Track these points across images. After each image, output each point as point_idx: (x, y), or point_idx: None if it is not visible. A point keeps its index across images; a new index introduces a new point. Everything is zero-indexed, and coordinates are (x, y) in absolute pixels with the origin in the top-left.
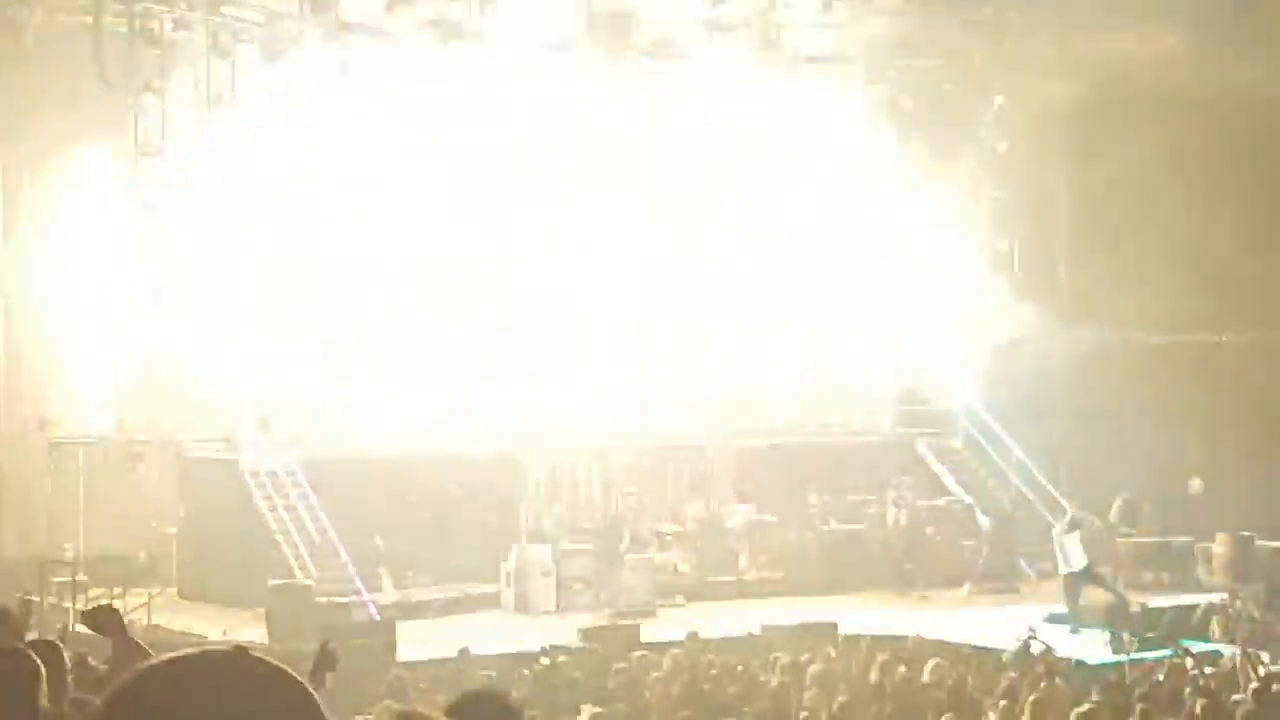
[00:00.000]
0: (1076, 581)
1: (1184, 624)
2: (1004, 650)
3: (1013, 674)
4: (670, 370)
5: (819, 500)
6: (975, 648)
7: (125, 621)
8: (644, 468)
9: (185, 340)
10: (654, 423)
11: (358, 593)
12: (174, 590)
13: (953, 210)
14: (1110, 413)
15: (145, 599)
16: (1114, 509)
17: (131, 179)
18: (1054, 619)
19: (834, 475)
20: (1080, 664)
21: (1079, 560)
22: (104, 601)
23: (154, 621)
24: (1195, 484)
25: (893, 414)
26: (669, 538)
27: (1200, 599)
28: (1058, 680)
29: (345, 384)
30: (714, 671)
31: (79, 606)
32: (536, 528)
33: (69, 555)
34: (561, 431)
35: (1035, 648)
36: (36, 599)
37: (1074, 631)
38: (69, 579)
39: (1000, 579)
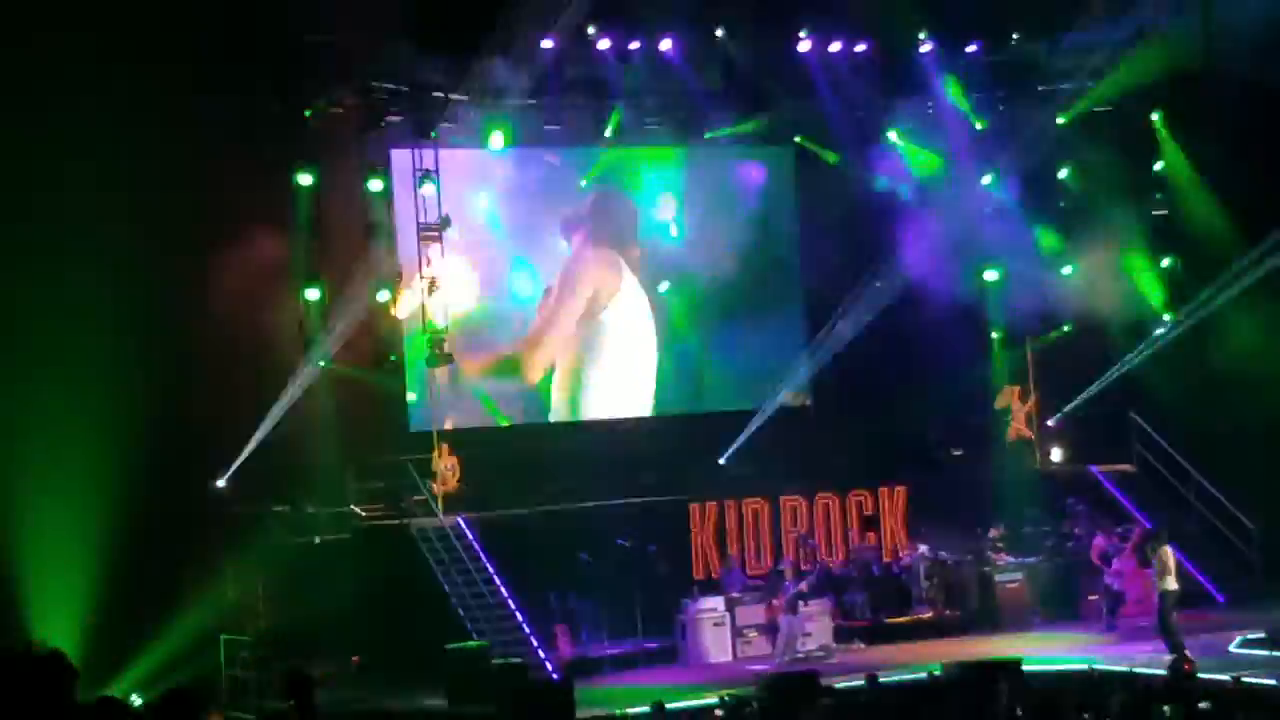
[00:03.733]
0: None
1: None
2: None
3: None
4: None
5: (995, 534)
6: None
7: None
8: (814, 509)
9: None
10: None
11: (534, 653)
12: (354, 658)
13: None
14: None
15: (331, 671)
16: None
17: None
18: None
19: (1007, 508)
20: None
21: (1170, 582)
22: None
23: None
24: None
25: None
26: (843, 579)
27: None
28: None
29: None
30: None
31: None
32: (708, 577)
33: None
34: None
35: None
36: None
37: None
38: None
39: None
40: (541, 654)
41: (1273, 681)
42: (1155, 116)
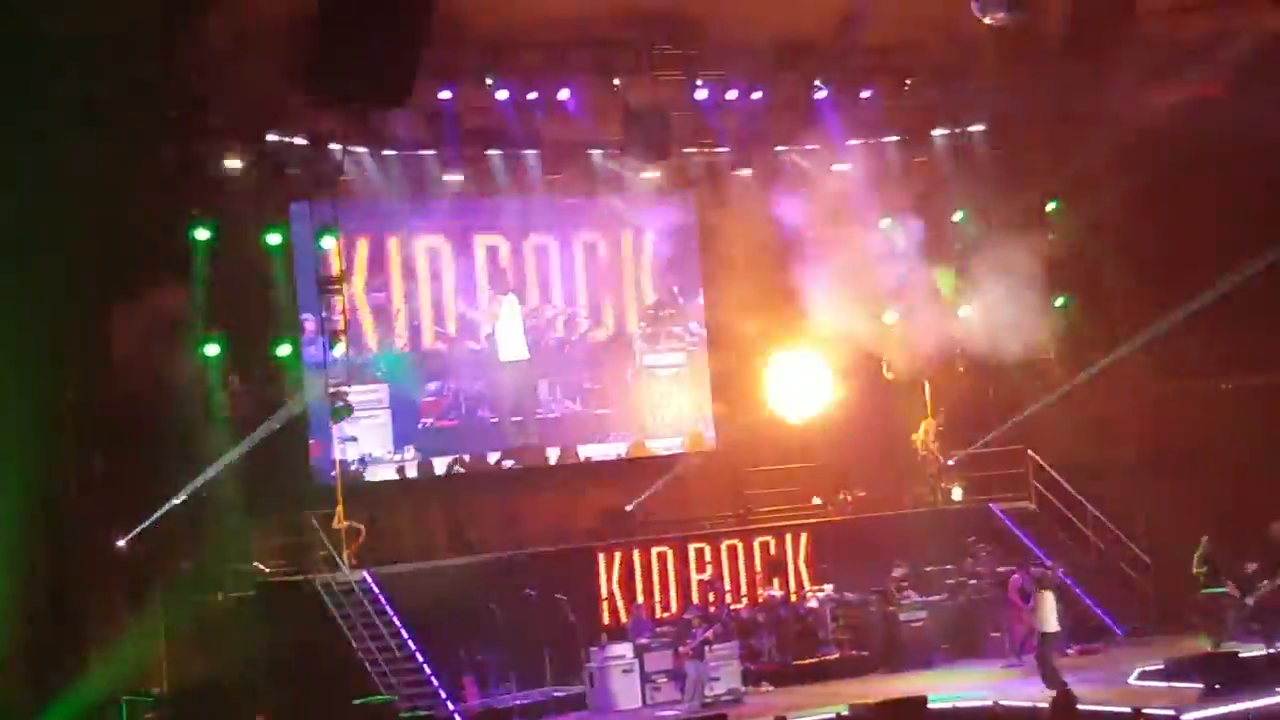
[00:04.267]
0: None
1: None
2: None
3: None
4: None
5: (899, 574)
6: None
7: None
8: (719, 553)
9: None
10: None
11: (443, 704)
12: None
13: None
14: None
15: None
16: (1195, 559)
17: None
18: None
19: (909, 547)
20: None
21: (1052, 623)
22: None
23: None
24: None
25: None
26: (750, 623)
27: None
28: None
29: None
30: None
31: None
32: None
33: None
34: (634, 523)
35: None
36: None
37: None
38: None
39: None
40: (450, 705)
41: (1171, 712)
42: None
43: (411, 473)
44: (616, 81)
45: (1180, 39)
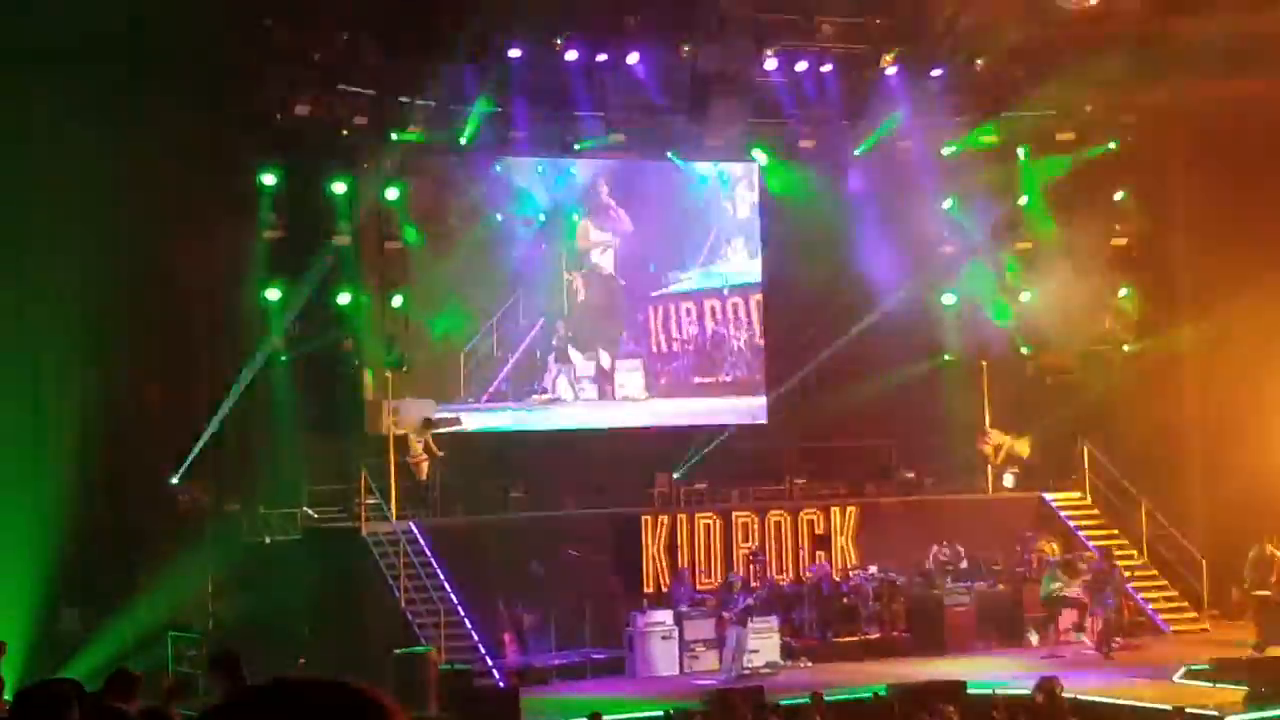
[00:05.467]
0: None
1: None
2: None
3: None
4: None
5: (944, 556)
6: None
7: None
8: (766, 526)
9: None
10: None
11: (482, 660)
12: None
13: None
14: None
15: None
16: (1249, 561)
17: None
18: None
19: (958, 532)
20: None
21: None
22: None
23: None
24: None
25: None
26: (792, 597)
27: None
28: None
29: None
30: None
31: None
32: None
33: (197, 629)
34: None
35: None
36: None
37: None
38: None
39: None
40: (489, 661)
41: (1214, 713)
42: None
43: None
44: (686, 49)
45: (1255, 29)
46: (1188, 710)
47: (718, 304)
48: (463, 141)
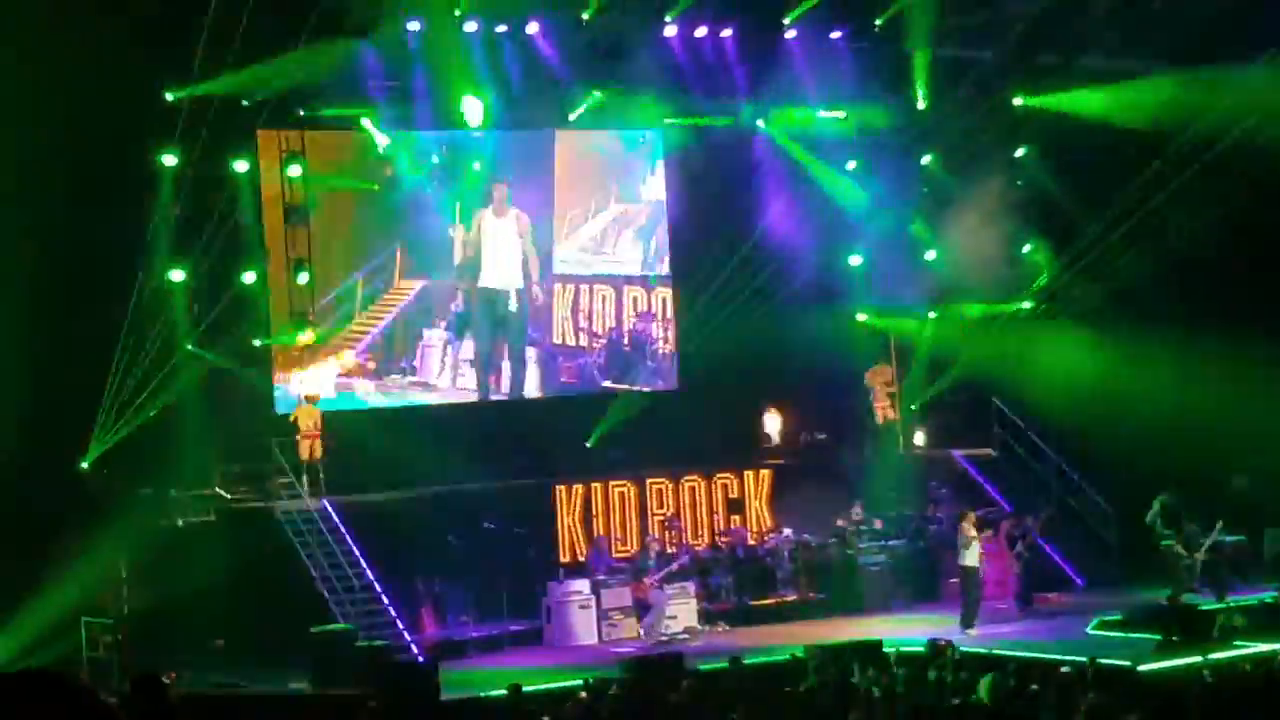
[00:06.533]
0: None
1: None
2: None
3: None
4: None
5: (856, 516)
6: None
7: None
8: (680, 491)
9: None
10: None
11: (400, 635)
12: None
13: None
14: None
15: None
16: (1152, 511)
17: None
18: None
19: (872, 491)
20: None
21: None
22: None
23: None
24: (1238, 480)
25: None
26: (708, 562)
27: None
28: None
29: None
30: None
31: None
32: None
33: (111, 614)
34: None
35: None
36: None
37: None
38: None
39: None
40: (407, 636)
41: (1127, 663)
42: (1017, 100)
43: (374, 401)
44: (585, 15)
45: None
46: (1100, 661)
47: (641, 294)
48: (364, 119)
